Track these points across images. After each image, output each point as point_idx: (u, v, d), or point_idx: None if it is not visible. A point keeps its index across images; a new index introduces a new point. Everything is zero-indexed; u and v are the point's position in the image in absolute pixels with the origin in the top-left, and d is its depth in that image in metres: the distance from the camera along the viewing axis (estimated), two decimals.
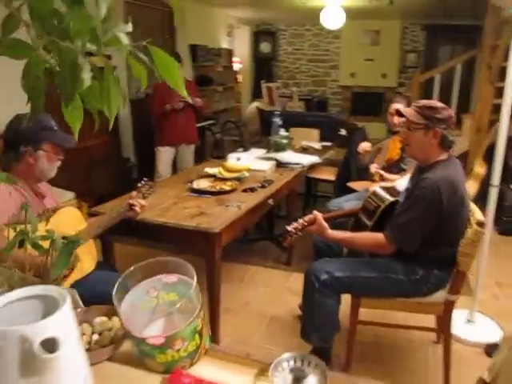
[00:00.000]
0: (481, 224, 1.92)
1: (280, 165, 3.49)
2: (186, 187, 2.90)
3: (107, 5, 0.53)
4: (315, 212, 2.13)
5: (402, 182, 2.25)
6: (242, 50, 9.47)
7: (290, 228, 2.07)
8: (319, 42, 9.75)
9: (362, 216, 2.26)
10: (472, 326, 2.72)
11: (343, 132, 4.56)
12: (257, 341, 2.62)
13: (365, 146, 3.38)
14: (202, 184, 2.91)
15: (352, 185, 3.50)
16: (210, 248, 2.27)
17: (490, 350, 2.46)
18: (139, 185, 2.39)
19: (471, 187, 2.86)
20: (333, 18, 6.26)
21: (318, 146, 4.38)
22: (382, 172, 3.13)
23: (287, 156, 3.69)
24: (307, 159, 3.69)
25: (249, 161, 3.47)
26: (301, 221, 2.11)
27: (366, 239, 2.07)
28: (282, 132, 4.14)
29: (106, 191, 4.21)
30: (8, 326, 0.51)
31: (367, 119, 8.51)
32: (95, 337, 1.03)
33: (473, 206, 2.07)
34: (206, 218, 2.36)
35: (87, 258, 2.01)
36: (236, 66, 8.78)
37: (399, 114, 2.11)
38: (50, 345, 0.50)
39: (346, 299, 2.15)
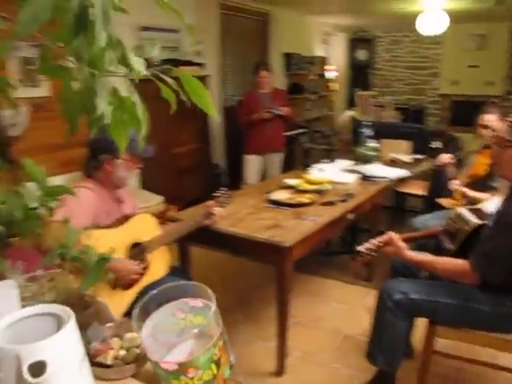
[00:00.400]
0: None
1: (365, 178, 3.37)
2: (264, 198, 2.90)
3: (108, 32, 0.53)
4: (390, 233, 2.01)
5: (490, 204, 2.05)
6: (337, 58, 9.36)
7: (361, 248, 1.98)
8: (418, 48, 9.31)
9: (444, 239, 2.09)
10: None
11: (436, 144, 4.29)
12: (325, 358, 2.54)
13: (444, 158, 3.13)
14: (281, 195, 2.89)
15: (441, 201, 3.27)
16: (281, 261, 2.24)
17: None
18: (217, 194, 2.43)
19: None
20: (432, 23, 5.95)
21: (408, 158, 4.17)
22: (465, 189, 2.87)
23: (373, 169, 3.56)
24: (395, 173, 3.53)
25: (332, 172, 3.39)
26: (374, 241, 2.00)
27: (448, 265, 1.91)
28: (371, 143, 3.99)
29: (195, 196, 4.36)
30: (12, 343, 0.53)
31: (467, 130, 7.93)
32: (122, 352, 1.05)
33: None
34: (279, 231, 2.33)
35: (159, 264, 2.08)
36: (329, 74, 8.68)
37: (489, 127, 1.93)
38: (40, 368, 0.51)
39: (423, 323, 2.01)
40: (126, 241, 1.97)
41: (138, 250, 2.00)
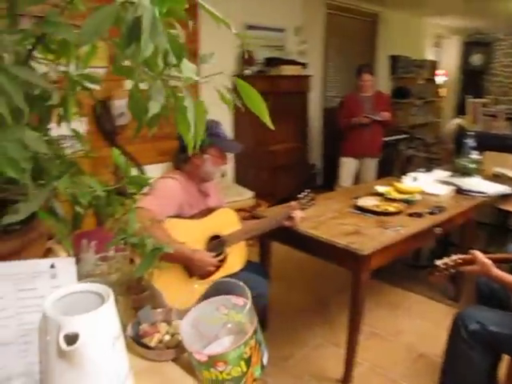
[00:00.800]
0: None
1: (460, 191, 3.18)
2: (351, 203, 2.87)
3: (156, 43, 0.58)
4: (475, 251, 1.89)
5: None
6: (448, 62, 8.86)
7: (438, 263, 1.88)
8: None
9: None
10: None
11: None
12: (395, 374, 2.46)
13: None
14: (368, 202, 2.84)
15: None
16: (357, 269, 2.21)
17: None
18: (300, 196, 2.45)
19: None
20: None
21: None
22: None
23: (472, 182, 3.34)
24: (495, 188, 3.28)
25: (426, 182, 3.25)
26: (455, 257, 1.89)
27: None
28: (474, 155, 3.75)
29: (288, 194, 4.42)
30: (61, 314, 0.62)
31: None
32: (167, 337, 1.12)
33: None
34: (359, 238, 2.30)
35: (236, 258, 2.16)
36: (439, 79, 8.25)
37: None
38: (74, 338, 0.59)
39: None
40: (206, 233, 2.07)
41: (216, 243, 2.10)
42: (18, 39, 0.60)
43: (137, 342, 1.12)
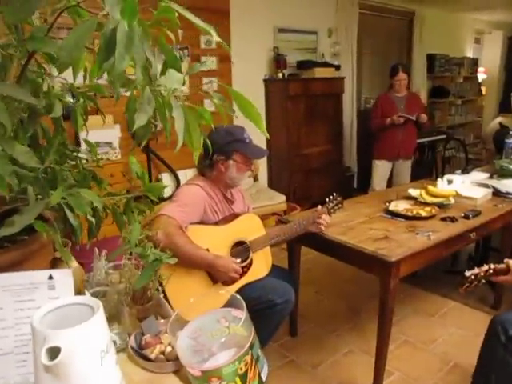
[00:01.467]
0: None
1: (499, 194, 3.05)
2: (382, 207, 2.80)
3: (132, 55, 0.58)
4: (509, 260, 1.80)
5: None
6: (490, 59, 8.54)
7: (468, 274, 1.80)
8: None
9: None
10: None
11: None
12: None
13: None
14: (399, 206, 2.77)
15: None
16: (386, 276, 2.15)
17: None
18: (327, 199, 2.43)
19: None
20: None
21: None
22: None
23: (511, 184, 3.20)
24: None
25: (461, 185, 3.14)
26: (486, 267, 1.80)
27: None
28: None
29: (323, 198, 4.37)
30: (50, 327, 0.62)
31: None
32: (169, 349, 1.11)
33: None
34: (388, 244, 2.24)
35: (261, 264, 2.14)
36: (480, 77, 7.97)
37: None
38: (57, 353, 0.59)
39: None
40: (230, 239, 2.06)
41: (241, 249, 2.09)
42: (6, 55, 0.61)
43: (138, 353, 1.12)
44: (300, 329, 2.86)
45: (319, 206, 2.38)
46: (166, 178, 4.02)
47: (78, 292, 1.41)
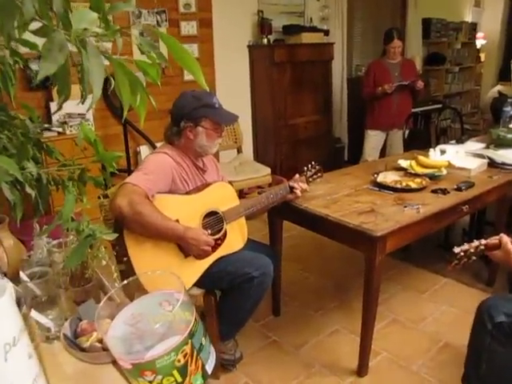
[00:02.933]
0: None
1: (494, 164, 2.87)
2: (370, 179, 2.63)
3: None
4: (503, 235, 1.64)
5: None
6: (491, 24, 8.22)
7: (457, 250, 1.64)
8: None
9: None
10: None
11: None
12: (416, 365, 2.26)
13: None
14: (389, 177, 2.60)
15: None
16: (370, 252, 2.00)
17: None
18: (305, 168, 2.35)
19: None
20: None
21: None
22: None
23: (507, 155, 3.01)
24: None
25: (455, 155, 2.95)
26: (476, 243, 1.65)
27: None
28: None
29: None
30: None
31: None
32: None
33: None
34: (373, 218, 2.08)
35: (236, 236, 2.02)
36: (479, 43, 7.69)
37: None
38: None
39: None
40: (202, 209, 1.91)
41: (213, 220, 1.94)
42: None
43: (70, 342, 0.97)
44: (283, 308, 2.72)
45: (297, 175, 2.27)
46: (145, 151, 3.83)
47: (13, 272, 1.26)
